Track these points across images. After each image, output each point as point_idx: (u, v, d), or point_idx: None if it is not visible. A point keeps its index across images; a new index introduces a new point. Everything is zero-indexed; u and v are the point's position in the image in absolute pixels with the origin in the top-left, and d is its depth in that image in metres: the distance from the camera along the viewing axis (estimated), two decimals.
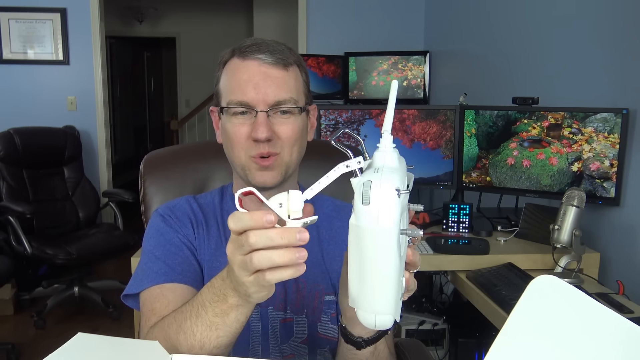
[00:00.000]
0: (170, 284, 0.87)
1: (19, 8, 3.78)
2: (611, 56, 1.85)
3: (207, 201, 1.02)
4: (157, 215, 0.97)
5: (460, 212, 1.94)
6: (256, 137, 0.87)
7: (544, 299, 0.55)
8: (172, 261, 0.90)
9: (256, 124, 0.88)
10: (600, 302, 0.55)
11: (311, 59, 3.73)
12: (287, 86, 0.90)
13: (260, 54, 0.89)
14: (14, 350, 2.58)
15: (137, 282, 0.91)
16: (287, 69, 0.90)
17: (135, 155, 7.47)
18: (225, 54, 0.93)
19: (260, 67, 0.88)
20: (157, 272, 0.89)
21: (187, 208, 0.98)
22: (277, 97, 0.88)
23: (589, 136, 1.78)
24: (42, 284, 3.31)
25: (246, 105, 0.88)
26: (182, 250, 0.93)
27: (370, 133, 2.12)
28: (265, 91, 0.88)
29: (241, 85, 0.88)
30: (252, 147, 0.89)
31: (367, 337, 0.76)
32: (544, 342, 0.53)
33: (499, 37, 2.73)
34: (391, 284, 0.54)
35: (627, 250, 1.73)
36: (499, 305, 1.44)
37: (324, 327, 0.95)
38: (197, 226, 0.96)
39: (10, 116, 3.69)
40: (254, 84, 0.88)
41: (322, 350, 0.95)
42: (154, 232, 0.95)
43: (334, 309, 0.96)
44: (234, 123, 0.90)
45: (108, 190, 3.74)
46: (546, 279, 0.56)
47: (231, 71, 0.91)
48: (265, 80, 0.88)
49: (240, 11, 6.84)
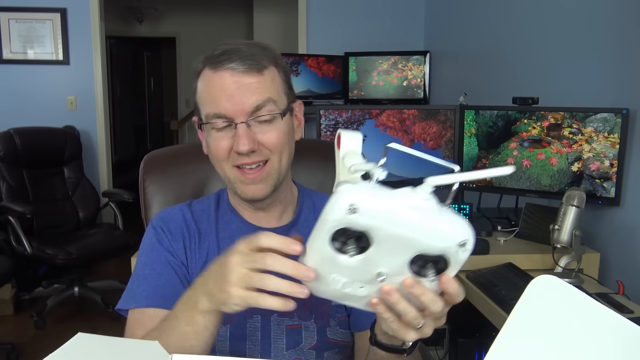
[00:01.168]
0: (150, 310, 0.88)
1: (19, 8, 3.79)
2: (611, 56, 1.85)
3: (203, 207, 0.99)
4: (150, 227, 0.96)
5: (460, 212, 1.94)
6: (238, 151, 0.85)
7: (544, 299, 0.55)
8: (157, 282, 0.90)
9: (237, 137, 0.85)
10: (600, 302, 0.55)
11: (311, 59, 3.73)
12: (264, 90, 0.86)
13: (231, 63, 0.85)
14: (14, 350, 2.58)
15: (126, 299, 0.92)
16: (262, 72, 0.86)
17: (135, 155, 7.46)
18: (198, 63, 0.90)
19: (233, 77, 0.85)
20: (141, 294, 0.89)
21: (180, 220, 0.96)
22: (254, 103, 0.85)
23: (589, 136, 1.78)
24: (42, 284, 3.31)
25: (224, 117, 0.85)
26: (167, 270, 0.91)
27: (370, 133, 2.12)
28: (241, 100, 0.84)
29: (215, 98, 0.85)
30: (236, 158, 0.87)
31: (394, 345, 0.75)
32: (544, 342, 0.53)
33: (499, 36, 2.73)
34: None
35: (627, 250, 1.73)
36: (499, 305, 1.44)
37: (333, 331, 0.94)
38: (190, 239, 0.94)
39: (10, 116, 3.69)
40: (228, 95, 0.84)
41: (329, 353, 0.94)
42: (147, 247, 0.94)
43: (343, 312, 0.95)
44: (214, 137, 0.87)
45: (108, 190, 3.74)
46: (546, 279, 0.56)
47: (205, 83, 0.88)
48: (240, 89, 0.84)
49: (240, 11, 6.84)
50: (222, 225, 0.96)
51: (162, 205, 1.16)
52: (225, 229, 0.96)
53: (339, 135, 0.69)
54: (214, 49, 0.88)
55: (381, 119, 2.11)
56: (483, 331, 1.91)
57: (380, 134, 2.11)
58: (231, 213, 0.97)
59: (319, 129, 2.13)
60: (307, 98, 3.71)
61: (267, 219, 0.97)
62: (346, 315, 0.96)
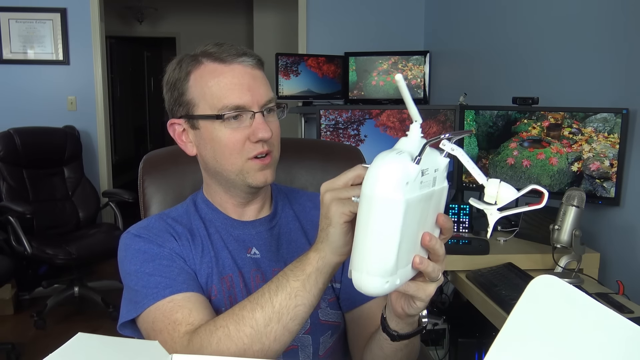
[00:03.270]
0: (179, 295, 0.83)
1: (19, 8, 3.79)
2: (611, 56, 1.85)
3: (179, 213, 0.99)
4: (130, 237, 0.92)
5: (460, 212, 1.94)
6: (262, 138, 0.87)
7: (544, 299, 0.55)
8: (170, 273, 0.86)
9: (257, 125, 0.87)
10: (600, 302, 0.55)
11: (311, 59, 3.73)
12: (269, 86, 0.92)
13: (241, 57, 0.89)
14: (14, 350, 2.58)
15: (134, 305, 0.86)
16: (262, 69, 0.92)
17: (135, 155, 7.47)
18: (187, 63, 0.90)
19: (246, 69, 0.89)
20: (156, 286, 0.84)
21: (162, 225, 0.94)
22: (267, 97, 0.89)
23: (589, 136, 1.78)
24: (42, 284, 3.31)
25: (242, 108, 0.87)
26: (175, 260, 0.89)
27: (370, 133, 2.12)
28: (258, 91, 0.88)
29: (233, 90, 0.87)
30: (251, 149, 0.88)
31: (402, 333, 0.77)
32: (544, 342, 0.53)
33: (499, 37, 2.73)
34: (385, 245, 0.57)
35: (627, 250, 1.73)
36: (499, 305, 1.44)
37: (325, 313, 0.96)
38: (180, 238, 0.93)
39: (10, 116, 3.69)
40: (247, 86, 0.87)
41: (325, 336, 0.96)
42: (135, 253, 0.89)
43: (331, 294, 0.98)
44: (230, 129, 0.88)
45: (108, 190, 3.73)
46: (546, 279, 0.56)
47: (211, 77, 0.88)
48: (255, 81, 0.89)
49: (240, 11, 6.85)
50: (207, 222, 0.98)
51: (162, 205, 1.16)
52: (210, 225, 0.97)
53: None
54: (207, 47, 0.90)
55: (381, 119, 2.11)
56: (483, 331, 1.91)
57: (380, 134, 2.11)
58: (212, 212, 0.98)
59: (319, 129, 2.13)
60: (307, 98, 3.71)
61: (249, 212, 0.99)
62: (335, 297, 0.99)
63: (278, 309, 0.71)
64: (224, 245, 0.95)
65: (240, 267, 0.94)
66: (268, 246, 0.97)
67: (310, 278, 0.70)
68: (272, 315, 0.71)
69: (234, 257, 0.95)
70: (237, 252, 0.95)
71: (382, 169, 0.56)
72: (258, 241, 0.97)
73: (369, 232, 0.57)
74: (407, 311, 0.72)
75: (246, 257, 0.96)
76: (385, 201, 0.56)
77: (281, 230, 1.00)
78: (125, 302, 0.90)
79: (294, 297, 0.71)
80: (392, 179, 0.55)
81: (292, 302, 0.71)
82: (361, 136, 2.13)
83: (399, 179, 0.55)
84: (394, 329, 0.77)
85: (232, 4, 6.82)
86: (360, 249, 0.58)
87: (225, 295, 0.92)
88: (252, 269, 0.95)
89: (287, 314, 0.71)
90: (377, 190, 0.56)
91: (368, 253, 0.58)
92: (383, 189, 0.55)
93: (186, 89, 0.91)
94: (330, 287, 0.98)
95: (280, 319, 0.71)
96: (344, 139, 2.13)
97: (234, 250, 0.95)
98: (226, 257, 0.94)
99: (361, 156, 1.32)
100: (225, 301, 0.91)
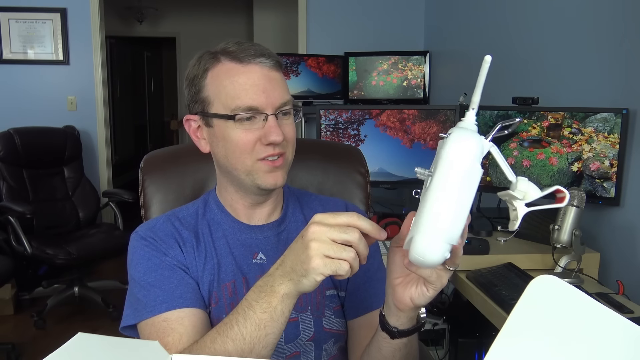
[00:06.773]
0: (174, 313, 0.85)
1: (19, 8, 3.79)
2: (611, 56, 1.85)
3: (189, 213, 0.98)
4: (138, 239, 0.92)
5: None
6: (273, 141, 0.86)
7: (544, 299, 0.55)
8: (168, 285, 0.87)
9: (269, 128, 0.86)
10: (600, 302, 0.55)
11: (311, 59, 3.73)
12: (286, 88, 0.91)
13: (259, 58, 0.88)
14: (14, 350, 2.58)
15: (134, 312, 0.88)
16: (281, 71, 0.91)
17: (135, 155, 7.47)
18: (205, 60, 0.90)
19: (263, 71, 0.88)
20: (154, 300, 0.85)
21: (169, 228, 0.94)
22: (282, 99, 0.88)
23: (589, 136, 1.78)
24: (42, 284, 3.31)
25: (255, 109, 0.86)
26: (176, 272, 0.89)
27: (370, 133, 2.12)
28: (273, 94, 0.87)
29: (248, 91, 0.86)
30: (262, 150, 0.88)
31: (402, 329, 0.77)
32: (544, 342, 0.53)
33: (499, 37, 2.74)
34: (459, 210, 0.59)
35: (627, 250, 1.73)
36: (499, 305, 1.44)
37: (329, 321, 0.96)
38: (184, 244, 0.93)
39: (10, 116, 3.69)
40: (263, 88, 0.87)
41: (328, 344, 0.96)
42: (140, 259, 0.90)
43: (336, 302, 0.97)
44: (242, 129, 0.87)
45: (108, 190, 3.73)
46: (546, 279, 0.56)
47: (227, 76, 0.88)
48: (271, 83, 0.88)
49: (240, 11, 6.85)
50: (214, 226, 0.97)
51: (162, 205, 1.16)
52: (217, 229, 0.96)
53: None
54: (227, 45, 0.90)
55: (381, 119, 2.11)
56: (483, 331, 1.91)
57: (380, 134, 2.11)
58: (222, 214, 0.98)
59: (319, 129, 2.13)
60: (307, 98, 3.71)
61: (259, 215, 0.98)
62: (340, 305, 0.98)
63: (249, 341, 0.72)
64: (229, 250, 0.95)
65: (245, 272, 0.94)
66: (275, 251, 0.96)
67: (277, 309, 0.71)
68: (244, 347, 0.72)
69: (239, 262, 0.94)
70: (243, 258, 0.95)
71: (466, 141, 0.60)
72: (265, 246, 0.97)
73: (447, 197, 0.59)
74: (416, 301, 0.72)
75: (252, 262, 0.95)
76: (468, 170, 0.59)
77: (289, 235, 0.99)
78: (127, 304, 0.91)
79: (263, 328, 0.72)
80: (474, 151, 0.60)
81: (262, 332, 0.72)
82: (361, 136, 2.12)
83: (478, 152, 0.60)
84: (393, 325, 0.77)
85: (232, 4, 6.82)
86: (435, 213, 0.59)
87: (227, 302, 0.91)
88: (258, 275, 0.94)
89: (258, 344, 0.72)
90: (461, 159, 0.59)
91: (443, 217, 0.59)
92: (467, 158, 0.59)
93: (203, 86, 0.90)
94: (336, 295, 0.98)
95: (253, 349, 0.72)
96: (344, 139, 2.13)
97: (240, 256, 0.95)
98: (229, 264, 0.94)
99: (361, 156, 1.31)
100: (227, 308, 0.91)
